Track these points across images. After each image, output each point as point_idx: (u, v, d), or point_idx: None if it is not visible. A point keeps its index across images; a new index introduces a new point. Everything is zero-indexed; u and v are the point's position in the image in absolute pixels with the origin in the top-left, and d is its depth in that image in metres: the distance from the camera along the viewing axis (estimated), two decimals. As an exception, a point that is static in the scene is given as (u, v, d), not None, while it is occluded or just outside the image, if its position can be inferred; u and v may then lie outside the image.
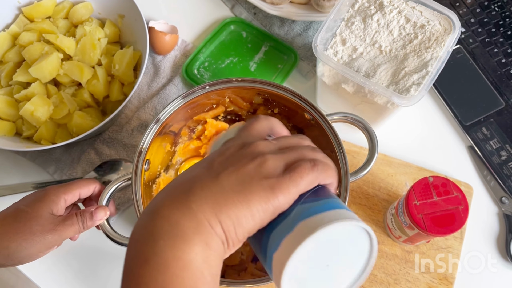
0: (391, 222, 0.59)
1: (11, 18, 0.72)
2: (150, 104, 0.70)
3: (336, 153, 0.54)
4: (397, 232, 0.59)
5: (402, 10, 0.58)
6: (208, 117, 0.63)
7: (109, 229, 0.52)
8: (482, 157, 0.66)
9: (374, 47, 0.58)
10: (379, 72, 0.56)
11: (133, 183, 0.54)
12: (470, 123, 0.68)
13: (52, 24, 0.71)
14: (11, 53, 0.69)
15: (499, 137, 0.67)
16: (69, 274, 0.64)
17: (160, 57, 0.74)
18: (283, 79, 0.72)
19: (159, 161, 0.62)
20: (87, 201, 0.57)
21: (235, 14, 0.78)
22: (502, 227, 0.64)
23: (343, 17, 0.60)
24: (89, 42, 0.67)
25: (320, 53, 0.56)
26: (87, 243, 0.65)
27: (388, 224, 0.61)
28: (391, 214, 0.60)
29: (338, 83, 0.60)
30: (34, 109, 0.63)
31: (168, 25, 0.75)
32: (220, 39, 0.75)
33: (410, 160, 0.66)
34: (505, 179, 0.65)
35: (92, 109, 0.68)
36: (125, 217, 0.66)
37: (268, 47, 0.75)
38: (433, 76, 0.54)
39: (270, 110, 0.63)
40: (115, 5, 0.72)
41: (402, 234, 0.58)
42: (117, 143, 0.69)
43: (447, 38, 0.57)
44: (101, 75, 0.67)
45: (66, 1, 0.73)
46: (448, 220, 0.52)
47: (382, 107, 0.59)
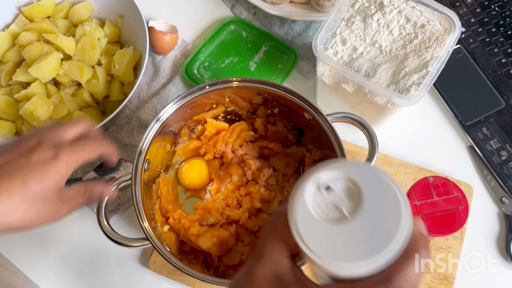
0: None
1: (11, 18, 0.72)
2: (150, 104, 0.70)
3: (336, 153, 0.54)
4: (397, 232, 0.59)
5: (402, 10, 0.58)
6: (208, 117, 0.63)
7: (109, 229, 0.52)
8: (482, 157, 0.66)
9: (374, 47, 0.58)
10: (379, 72, 0.56)
11: (133, 183, 0.54)
12: (470, 123, 0.68)
13: (52, 24, 0.71)
14: (11, 53, 0.69)
15: (499, 137, 0.67)
16: (69, 274, 0.64)
17: (160, 57, 0.74)
18: (283, 79, 0.72)
19: (159, 161, 0.62)
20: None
21: (235, 14, 0.78)
22: (502, 227, 0.64)
23: (343, 17, 0.60)
24: (89, 42, 0.67)
25: (320, 53, 0.56)
26: (87, 243, 0.65)
27: (388, 224, 0.61)
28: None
29: (338, 83, 0.60)
30: (34, 109, 0.63)
31: (168, 25, 0.75)
32: (220, 39, 0.75)
33: (410, 160, 0.66)
34: (505, 179, 0.65)
35: (92, 109, 0.68)
36: (125, 217, 0.66)
37: (268, 47, 0.74)
38: (433, 76, 0.54)
39: (270, 110, 0.63)
40: (115, 5, 0.72)
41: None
42: (117, 143, 0.69)
43: (447, 38, 0.56)
44: (101, 75, 0.67)
45: (66, 1, 0.73)
46: (448, 220, 0.52)
47: (382, 107, 0.59)
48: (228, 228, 0.59)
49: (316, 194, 0.31)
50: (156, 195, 0.60)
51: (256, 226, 0.60)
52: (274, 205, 0.61)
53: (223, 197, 0.62)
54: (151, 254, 0.63)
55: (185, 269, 0.50)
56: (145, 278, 0.63)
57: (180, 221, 0.59)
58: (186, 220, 0.58)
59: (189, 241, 0.59)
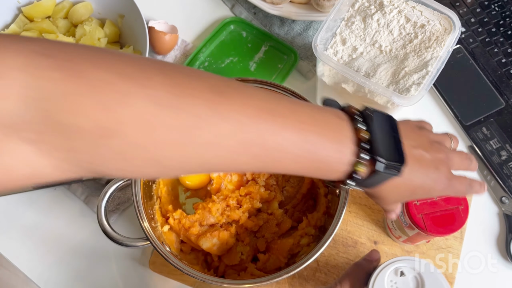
0: (391, 222, 0.59)
1: (11, 18, 0.72)
2: (150, 104, 0.70)
3: None
4: (397, 232, 0.59)
5: (402, 10, 0.58)
6: (208, 117, 0.63)
7: (109, 229, 0.52)
8: (482, 157, 0.66)
9: (374, 47, 0.58)
10: (379, 72, 0.56)
11: (133, 183, 0.54)
12: (470, 123, 0.68)
13: (52, 24, 0.71)
14: (11, 53, 0.69)
15: (499, 137, 0.67)
16: (69, 274, 0.64)
17: (160, 57, 0.74)
18: (283, 79, 0.72)
19: (159, 161, 0.61)
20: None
21: (235, 13, 0.78)
22: (502, 227, 0.64)
23: (343, 17, 0.60)
24: (89, 42, 0.67)
25: (320, 53, 0.56)
26: (87, 243, 0.65)
27: (388, 224, 0.61)
28: (391, 214, 0.60)
29: (338, 83, 0.60)
30: (34, 109, 0.63)
31: (168, 25, 0.75)
32: (220, 39, 0.75)
33: (410, 160, 0.66)
34: (505, 179, 0.65)
35: (92, 109, 0.68)
36: (125, 217, 0.66)
37: (268, 47, 0.74)
38: (433, 76, 0.54)
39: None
40: (115, 5, 0.72)
41: (402, 234, 0.58)
42: (117, 143, 0.69)
43: (447, 38, 0.56)
44: (101, 75, 0.67)
45: (66, 1, 0.73)
46: (448, 220, 0.51)
47: (382, 107, 0.59)
48: (228, 228, 0.59)
49: (392, 275, 0.45)
50: (156, 195, 0.60)
51: (256, 226, 0.60)
52: (274, 205, 0.61)
53: (223, 197, 0.62)
54: (151, 254, 0.63)
55: (185, 269, 0.50)
56: (145, 278, 0.63)
57: (180, 221, 0.59)
58: (186, 220, 0.58)
59: (189, 241, 0.59)
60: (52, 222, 0.66)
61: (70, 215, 0.66)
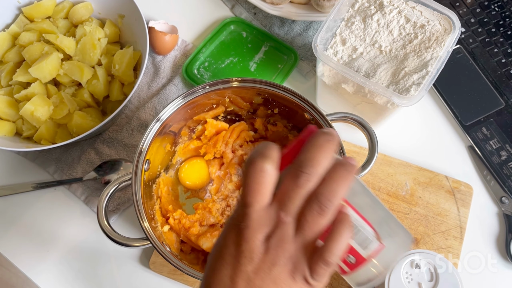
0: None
1: (11, 18, 0.72)
2: (150, 104, 0.70)
3: (336, 153, 0.54)
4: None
5: (402, 10, 0.58)
6: (208, 117, 0.63)
7: (109, 229, 0.52)
8: (482, 157, 0.66)
9: (374, 47, 0.58)
10: (379, 72, 0.56)
11: (133, 183, 0.54)
12: (470, 123, 0.68)
13: (52, 24, 0.71)
14: (11, 53, 0.69)
15: (499, 137, 0.67)
16: (69, 274, 0.64)
17: (160, 57, 0.74)
18: (283, 79, 0.72)
19: (159, 161, 0.62)
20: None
21: (235, 14, 0.78)
22: (502, 227, 0.64)
23: (343, 17, 0.60)
24: (89, 42, 0.67)
25: (320, 53, 0.56)
26: (87, 243, 0.65)
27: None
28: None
29: (338, 83, 0.60)
30: (34, 109, 0.63)
31: (168, 25, 0.75)
32: (220, 39, 0.75)
33: (410, 160, 0.66)
34: (505, 179, 0.65)
35: (92, 109, 0.68)
36: (125, 217, 0.66)
37: (268, 47, 0.75)
38: (433, 76, 0.54)
39: (270, 110, 0.63)
40: (115, 5, 0.72)
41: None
42: (117, 143, 0.69)
43: (447, 38, 0.57)
44: (101, 75, 0.67)
45: (66, 1, 0.73)
46: None
47: (382, 107, 0.59)
48: (228, 228, 0.58)
49: (408, 267, 0.50)
50: (156, 195, 0.60)
51: (256, 226, 0.60)
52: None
53: (223, 197, 0.62)
54: (151, 254, 0.63)
55: (185, 269, 0.50)
56: (145, 278, 0.63)
57: (180, 221, 0.59)
58: (186, 220, 0.59)
59: (189, 241, 0.59)
60: (52, 222, 0.66)
61: (70, 215, 0.66)
